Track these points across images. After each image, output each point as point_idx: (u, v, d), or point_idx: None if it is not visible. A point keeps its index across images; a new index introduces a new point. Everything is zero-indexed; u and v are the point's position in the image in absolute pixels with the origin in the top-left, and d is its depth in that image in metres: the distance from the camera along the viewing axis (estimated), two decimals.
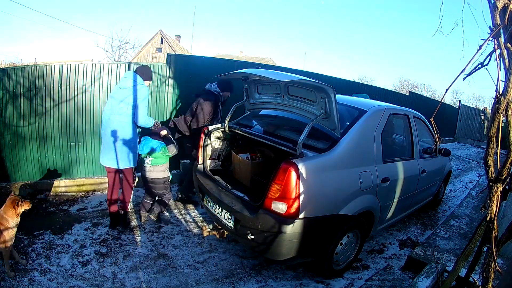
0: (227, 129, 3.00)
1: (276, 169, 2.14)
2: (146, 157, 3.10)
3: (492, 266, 1.37)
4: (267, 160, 2.97)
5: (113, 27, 57.55)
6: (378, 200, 2.63)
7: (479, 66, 1.35)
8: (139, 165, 3.18)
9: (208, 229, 2.79)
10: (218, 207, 2.60)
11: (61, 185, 3.86)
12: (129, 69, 4.06)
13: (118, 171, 3.01)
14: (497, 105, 1.28)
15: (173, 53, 14.98)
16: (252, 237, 2.24)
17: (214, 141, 3.08)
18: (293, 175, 2.06)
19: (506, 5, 1.24)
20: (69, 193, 3.86)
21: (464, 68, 1.34)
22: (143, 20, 49.48)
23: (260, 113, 3.31)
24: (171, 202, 3.83)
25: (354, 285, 2.53)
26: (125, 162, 2.94)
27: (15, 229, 2.30)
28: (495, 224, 1.39)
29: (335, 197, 2.30)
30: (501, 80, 1.29)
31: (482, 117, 14.03)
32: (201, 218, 3.47)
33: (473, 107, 19.18)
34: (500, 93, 1.28)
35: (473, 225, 3.56)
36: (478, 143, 13.43)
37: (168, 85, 4.42)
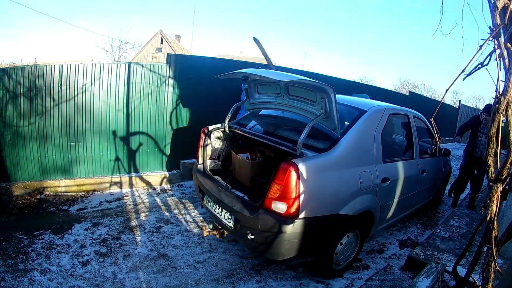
0: (227, 129, 3.00)
1: (276, 169, 2.14)
2: None
3: (492, 266, 1.37)
4: (267, 160, 2.97)
5: (113, 27, 57.51)
6: (378, 200, 2.63)
7: (479, 66, 1.35)
8: None
9: (208, 229, 2.79)
10: (218, 207, 2.60)
11: (61, 185, 3.86)
12: (129, 69, 4.06)
13: None
14: (497, 105, 1.28)
15: (173, 53, 14.98)
16: (252, 237, 2.24)
17: (214, 141, 3.08)
18: (293, 175, 2.06)
19: (506, 5, 1.24)
20: (69, 193, 3.86)
21: (464, 68, 1.34)
22: (143, 20, 49.51)
23: (260, 113, 3.31)
24: (171, 202, 3.83)
25: (354, 285, 2.53)
26: None
27: None
28: (495, 224, 1.39)
29: (335, 197, 2.30)
30: (501, 80, 1.29)
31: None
32: (201, 218, 3.47)
33: (473, 107, 19.16)
34: (500, 93, 1.27)
35: (473, 225, 3.56)
36: None
37: (168, 85, 4.42)
